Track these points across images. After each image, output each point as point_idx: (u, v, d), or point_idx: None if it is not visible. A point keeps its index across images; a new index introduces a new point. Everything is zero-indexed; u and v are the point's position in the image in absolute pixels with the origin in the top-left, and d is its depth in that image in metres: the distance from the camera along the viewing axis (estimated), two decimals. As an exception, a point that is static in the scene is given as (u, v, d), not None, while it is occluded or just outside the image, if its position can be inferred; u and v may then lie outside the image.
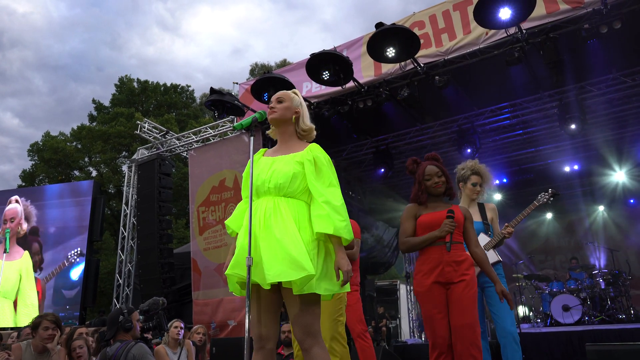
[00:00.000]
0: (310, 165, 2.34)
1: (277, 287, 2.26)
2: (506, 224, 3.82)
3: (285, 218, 2.26)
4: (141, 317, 4.24)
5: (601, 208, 12.29)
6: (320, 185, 2.30)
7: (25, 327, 5.20)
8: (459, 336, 2.88)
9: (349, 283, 2.31)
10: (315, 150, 2.40)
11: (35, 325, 4.09)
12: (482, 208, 3.90)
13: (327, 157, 2.40)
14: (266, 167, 2.41)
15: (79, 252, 11.61)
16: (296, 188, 2.32)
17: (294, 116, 2.49)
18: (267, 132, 2.60)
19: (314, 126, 2.57)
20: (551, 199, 3.93)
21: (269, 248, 2.19)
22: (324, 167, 2.35)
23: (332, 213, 2.22)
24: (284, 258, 2.14)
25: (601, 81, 7.51)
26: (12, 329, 9.75)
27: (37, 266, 12.08)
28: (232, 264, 2.27)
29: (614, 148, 9.69)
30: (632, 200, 11.80)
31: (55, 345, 4.01)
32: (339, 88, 7.44)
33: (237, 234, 2.44)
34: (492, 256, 3.69)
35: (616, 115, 8.57)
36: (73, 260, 11.64)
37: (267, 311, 2.30)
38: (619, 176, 10.69)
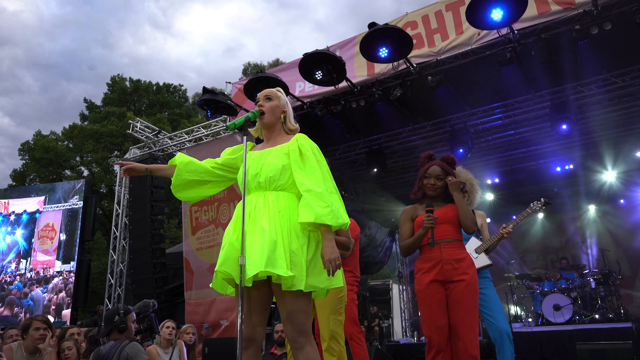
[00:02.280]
0: (294, 154, 2.32)
1: (267, 283, 2.24)
2: (504, 224, 3.85)
3: (271, 211, 2.24)
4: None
5: (592, 208, 12.38)
6: (302, 174, 2.27)
7: (9, 328, 5.15)
8: (459, 336, 2.88)
9: (340, 276, 2.28)
10: (300, 139, 2.39)
11: (25, 326, 4.07)
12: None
13: (313, 145, 2.38)
14: (255, 161, 2.39)
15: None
16: (286, 180, 2.31)
17: (282, 115, 2.51)
18: (250, 129, 2.57)
19: (298, 127, 2.56)
20: (543, 207, 4.02)
21: (252, 244, 2.17)
22: (308, 153, 2.32)
23: (312, 200, 2.18)
24: (261, 253, 2.11)
25: (592, 82, 7.56)
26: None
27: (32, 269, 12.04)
28: (221, 261, 2.23)
29: (605, 148, 9.75)
30: (622, 200, 11.90)
31: (47, 345, 3.99)
32: (331, 88, 7.45)
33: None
34: (484, 260, 3.71)
35: (607, 116, 8.63)
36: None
37: (254, 311, 2.28)
38: (609, 176, 10.77)
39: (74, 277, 11.38)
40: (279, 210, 2.25)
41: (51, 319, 10.43)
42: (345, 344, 3.95)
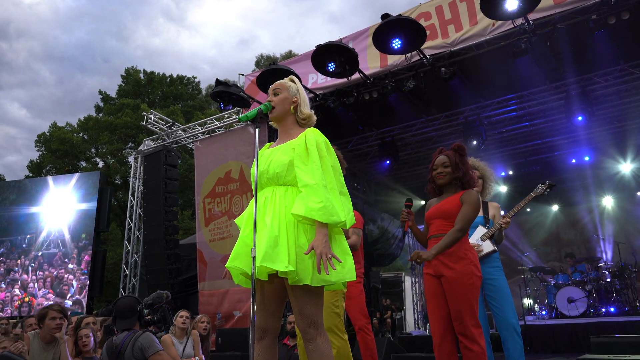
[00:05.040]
0: (300, 148, 2.30)
1: (280, 278, 2.26)
2: (503, 214, 3.85)
3: (276, 207, 2.25)
4: (146, 311, 4.27)
5: (607, 200, 12.22)
6: (303, 170, 2.24)
7: (28, 317, 5.25)
8: (456, 327, 2.94)
9: (353, 269, 2.27)
10: (309, 134, 2.35)
11: (41, 316, 4.13)
12: (485, 205, 3.92)
13: (321, 140, 2.34)
14: (265, 158, 2.41)
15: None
16: (293, 176, 2.29)
17: (292, 106, 2.47)
18: (270, 122, 2.59)
19: (312, 112, 2.52)
20: (548, 190, 3.96)
21: (259, 239, 2.18)
22: (312, 148, 2.28)
23: (307, 195, 2.17)
24: (266, 247, 2.13)
25: (609, 72, 7.45)
26: (11, 318, 9.86)
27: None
28: (232, 257, 2.27)
29: (621, 140, 9.63)
30: (639, 193, 11.73)
31: (63, 334, 4.06)
32: (344, 80, 7.42)
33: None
34: (488, 246, 3.69)
35: (624, 107, 8.52)
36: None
37: (268, 303, 2.32)
38: (625, 168, 10.64)
39: (89, 268, 11.51)
40: (285, 205, 2.25)
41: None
42: (353, 336, 3.95)
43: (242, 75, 9.14)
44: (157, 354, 3.67)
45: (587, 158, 10.22)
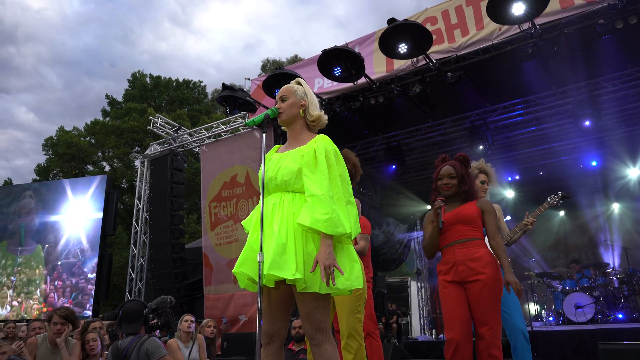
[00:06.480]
0: (308, 156, 2.28)
1: (287, 284, 2.25)
2: (528, 212, 3.78)
3: (284, 214, 2.24)
4: (150, 316, 4.27)
5: (615, 205, 12.11)
6: (310, 179, 2.23)
7: (35, 320, 5.26)
8: (479, 335, 2.87)
9: (361, 277, 2.26)
10: (318, 141, 2.32)
11: (48, 318, 4.16)
12: None
13: (330, 148, 2.31)
14: (274, 163, 2.39)
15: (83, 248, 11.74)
16: (302, 184, 2.27)
17: (300, 109, 2.45)
18: (283, 127, 2.57)
19: (322, 113, 2.49)
20: (560, 201, 3.93)
21: (268, 245, 2.17)
22: (321, 157, 2.26)
23: (313, 205, 2.15)
24: (274, 254, 2.12)
25: (616, 77, 7.42)
26: (18, 321, 9.88)
27: (53, 259, 12.26)
28: (239, 262, 2.26)
29: (629, 145, 9.56)
30: (647, 198, 11.64)
31: (62, 340, 4.06)
32: (350, 84, 7.44)
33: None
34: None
35: (631, 112, 8.47)
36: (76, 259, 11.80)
37: (275, 308, 2.30)
38: (633, 173, 10.56)
39: (96, 271, 11.55)
40: (293, 212, 2.24)
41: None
42: None
43: (248, 79, 9.19)
44: (163, 359, 3.67)
45: (594, 163, 10.15)
